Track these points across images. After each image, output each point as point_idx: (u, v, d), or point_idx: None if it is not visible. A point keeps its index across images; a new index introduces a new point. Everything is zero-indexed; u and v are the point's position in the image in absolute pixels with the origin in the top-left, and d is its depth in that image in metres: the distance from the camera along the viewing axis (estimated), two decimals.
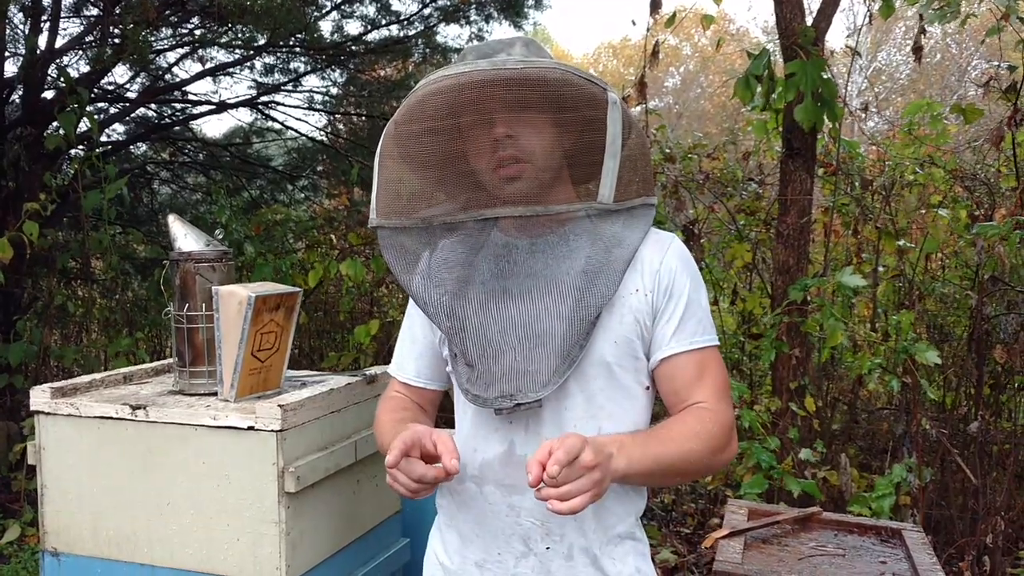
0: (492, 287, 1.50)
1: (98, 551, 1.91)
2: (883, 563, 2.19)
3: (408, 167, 1.55)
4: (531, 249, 1.52)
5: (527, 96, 1.42)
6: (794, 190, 4.04)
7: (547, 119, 1.48)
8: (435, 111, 1.46)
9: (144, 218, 7.41)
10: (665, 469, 1.41)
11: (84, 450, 1.90)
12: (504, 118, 1.46)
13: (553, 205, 1.52)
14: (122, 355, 4.76)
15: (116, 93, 6.79)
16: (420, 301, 1.54)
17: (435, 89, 1.44)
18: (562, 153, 1.52)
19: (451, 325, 1.51)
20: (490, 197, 1.53)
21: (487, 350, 1.47)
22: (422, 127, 1.48)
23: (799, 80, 3.76)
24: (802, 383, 3.97)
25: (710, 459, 1.46)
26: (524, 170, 1.49)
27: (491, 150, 1.49)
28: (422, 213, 1.56)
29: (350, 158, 7.38)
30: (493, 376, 1.46)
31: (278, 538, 1.75)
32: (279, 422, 1.73)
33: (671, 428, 1.45)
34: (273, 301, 1.90)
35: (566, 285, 1.47)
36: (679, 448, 1.41)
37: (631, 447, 1.36)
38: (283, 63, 7.23)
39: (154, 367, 2.27)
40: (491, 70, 1.41)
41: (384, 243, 1.57)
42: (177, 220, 2.04)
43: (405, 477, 1.38)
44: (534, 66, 1.42)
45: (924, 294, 4.56)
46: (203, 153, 7.85)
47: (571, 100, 1.45)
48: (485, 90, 1.42)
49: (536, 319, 1.46)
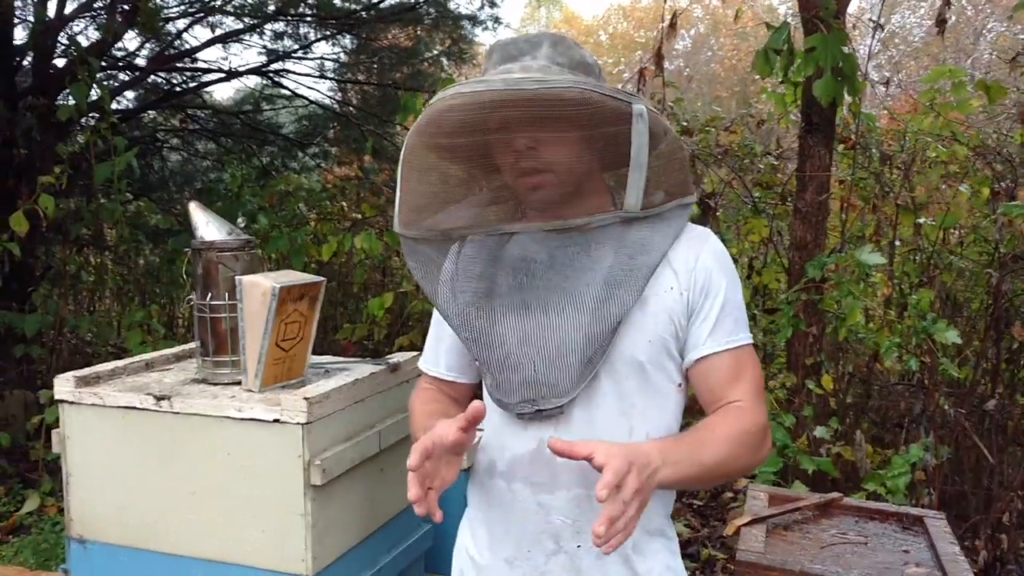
0: (511, 300, 1.50)
1: (123, 539, 1.92)
2: (906, 552, 2.19)
3: (426, 178, 1.52)
4: (551, 262, 1.50)
5: (544, 115, 1.38)
6: (813, 166, 3.99)
7: (571, 132, 1.45)
8: (451, 127, 1.42)
9: (155, 185, 7.39)
10: (706, 473, 1.39)
11: (108, 439, 1.90)
12: (524, 130, 1.43)
13: (577, 217, 1.49)
14: (136, 327, 4.77)
15: (126, 61, 6.74)
16: (442, 311, 1.56)
17: (450, 105, 1.40)
18: (586, 163, 1.49)
19: (470, 337, 1.51)
20: (512, 209, 1.52)
21: (507, 362, 1.48)
22: (439, 141, 1.46)
23: (819, 55, 3.69)
24: (818, 359, 3.95)
25: (748, 460, 1.46)
26: (546, 180, 1.47)
27: (513, 161, 1.47)
28: (442, 225, 1.54)
29: (361, 126, 7.33)
30: (513, 385, 1.48)
31: (304, 530, 1.75)
32: (305, 415, 1.73)
33: (712, 430, 1.43)
34: (297, 291, 1.88)
35: (586, 297, 1.45)
36: (720, 451, 1.40)
37: (675, 454, 1.33)
38: (293, 30, 7.17)
39: (175, 352, 2.27)
40: (505, 90, 1.35)
41: (407, 250, 1.57)
42: (199, 208, 2.02)
43: (416, 488, 1.34)
44: (551, 86, 1.35)
45: (941, 268, 4.53)
46: (213, 120, 7.80)
47: (590, 119, 1.40)
48: (500, 110, 1.38)
49: (554, 332, 1.45)
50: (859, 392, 4.93)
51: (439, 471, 1.39)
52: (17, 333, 4.86)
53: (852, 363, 5.00)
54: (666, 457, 1.31)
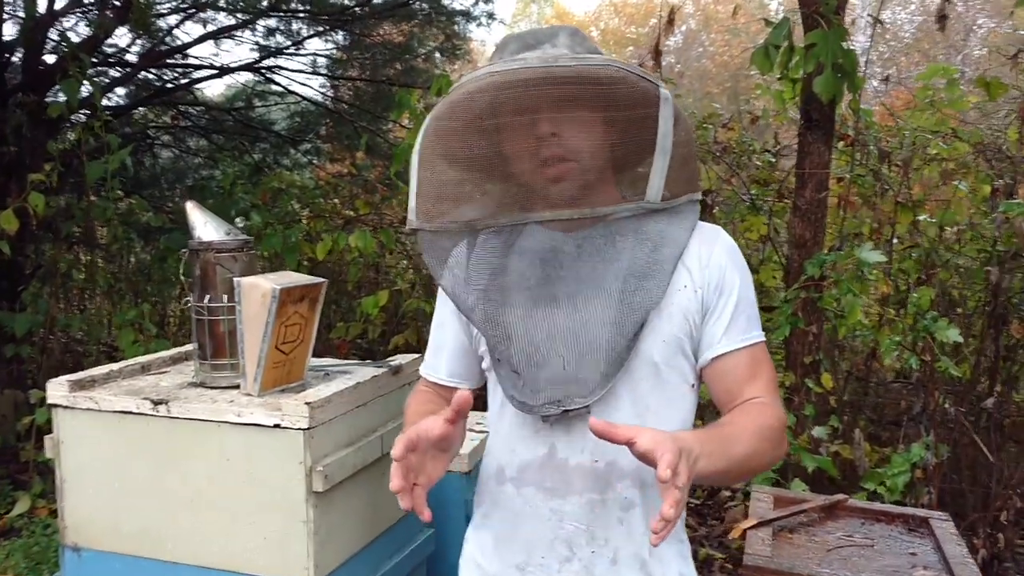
0: (538, 294, 1.44)
1: (119, 547, 1.88)
2: (912, 554, 2.17)
3: (449, 166, 1.47)
4: (578, 253, 1.45)
5: (581, 95, 1.36)
6: (812, 163, 3.97)
7: (596, 117, 1.41)
8: (480, 109, 1.38)
9: (147, 182, 7.32)
10: (736, 467, 1.35)
11: (104, 445, 1.86)
12: (550, 116, 1.39)
13: (600, 206, 1.45)
14: (128, 326, 4.71)
15: (117, 57, 6.67)
16: (464, 308, 1.49)
17: (481, 86, 1.36)
18: (609, 152, 1.46)
19: (496, 333, 1.45)
20: (535, 199, 1.46)
21: (534, 358, 1.42)
22: (466, 125, 1.41)
23: (819, 51, 3.66)
24: (816, 358, 3.93)
25: (772, 455, 1.43)
26: (570, 170, 1.42)
27: (536, 149, 1.43)
28: (463, 216, 1.49)
29: (354, 123, 7.28)
30: (539, 383, 1.42)
31: (306, 537, 1.72)
32: (307, 420, 1.69)
33: (738, 424, 1.39)
34: (297, 293, 1.84)
35: (614, 289, 1.41)
36: (748, 446, 1.35)
37: (709, 445, 1.28)
38: (285, 26, 7.10)
39: (171, 355, 2.23)
40: (542, 67, 1.33)
41: (424, 246, 1.51)
42: (196, 208, 1.98)
43: (399, 479, 1.27)
44: (588, 63, 1.35)
45: (939, 265, 4.51)
46: (205, 117, 7.73)
47: (625, 99, 1.38)
48: (537, 89, 1.34)
49: (584, 326, 1.41)
50: (856, 390, 4.92)
51: (424, 466, 1.32)
52: (7, 332, 4.81)
53: (849, 361, 4.99)
54: (703, 447, 1.25)
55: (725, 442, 1.33)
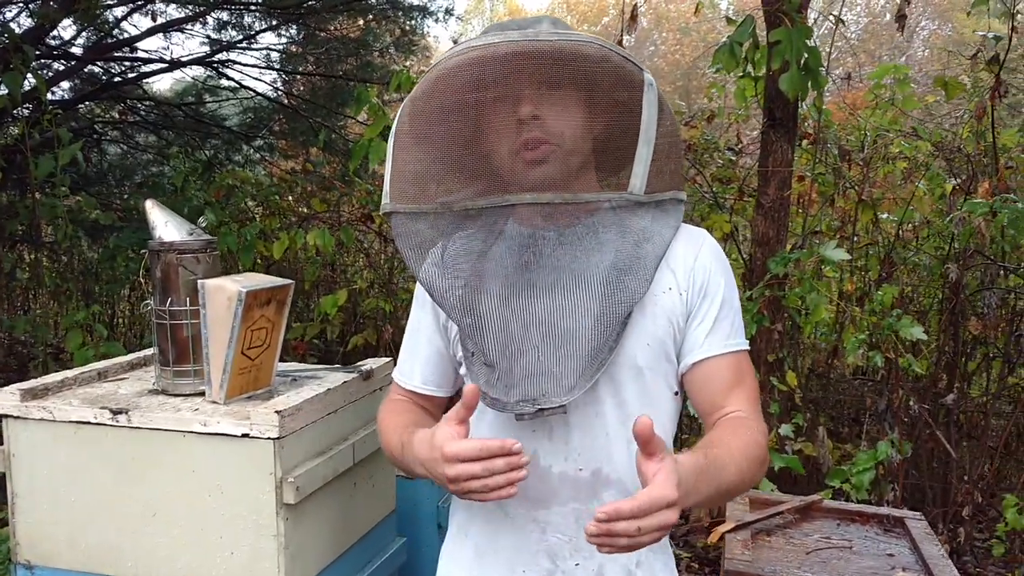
0: (515, 280, 1.37)
1: (76, 564, 1.78)
2: (890, 556, 2.16)
3: (426, 147, 1.41)
4: (559, 240, 1.39)
5: (561, 72, 1.31)
6: (775, 161, 3.96)
7: (579, 99, 1.36)
8: (461, 85, 1.32)
9: (94, 179, 7.11)
10: (720, 497, 1.31)
11: (60, 457, 1.76)
12: (532, 96, 1.34)
13: (581, 193, 1.40)
14: (76, 327, 4.55)
15: (62, 49, 6.46)
16: (437, 295, 1.40)
17: (462, 62, 1.31)
18: (592, 137, 1.40)
19: (470, 322, 1.37)
20: (514, 181, 1.40)
21: (508, 348, 1.34)
22: (444, 103, 1.35)
23: (784, 48, 3.65)
24: (780, 356, 3.93)
25: (757, 475, 1.36)
26: (551, 152, 1.37)
27: (517, 130, 1.37)
28: (441, 198, 1.42)
29: (309, 119, 7.15)
30: (514, 378, 1.33)
31: (276, 552, 1.64)
32: (276, 429, 1.61)
33: (731, 446, 1.30)
34: (264, 296, 1.76)
35: (596, 280, 1.35)
36: (737, 474, 1.28)
37: (704, 484, 1.21)
38: (237, 19, 6.95)
39: (130, 360, 2.12)
40: (524, 41, 1.28)
41: (398, 230, 1.43)
42: (156, 206, 1.88)
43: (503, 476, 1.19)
44: (570, 39, 1.29)
45: (898, 263, 4.55)
46: (155, 112, 7.53)
47: (608, 79, 1.33)
48: (516, 63, 1.29)
49: (562, 316, 1.33)
50: (816, 387, 4.95)
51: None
52: None
53: (810, 358, 5.02)
54: (696, 484, 1.18)
55: (717, 472, 1.24)
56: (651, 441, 1.11)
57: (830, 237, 4.45)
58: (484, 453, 1.19)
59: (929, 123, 5.39)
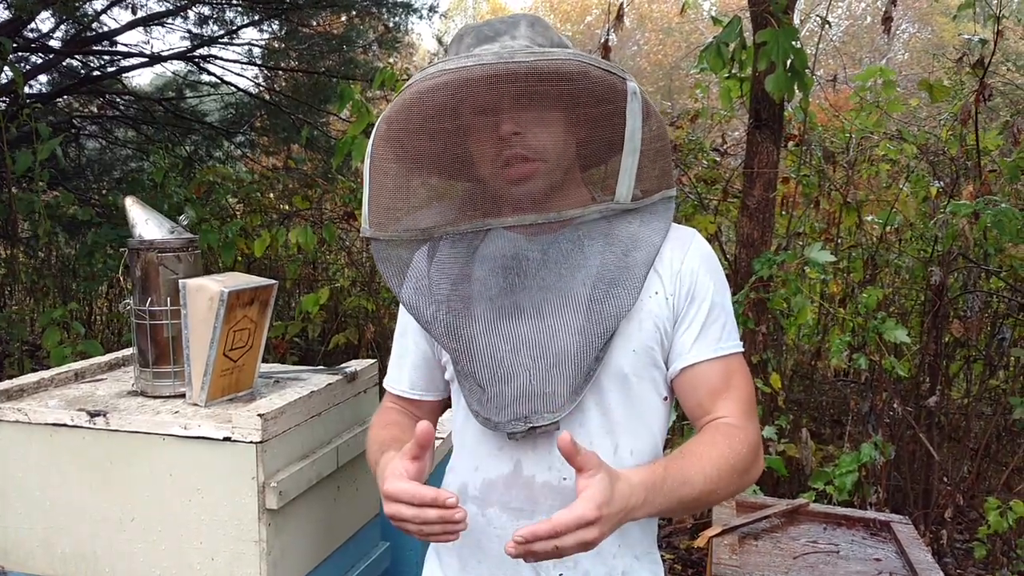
0: (502, 304, 1.35)
1: (51, 569, 1.73)
2: (877, 560, 2.15)
3: (401, 171, 1.37)
4: (543, 260, 1.36)
5: (540, 91, 1.26)
6: (761, 162, 3.96)
7: (559, 116, 1.33)
8: (434, 109, 1.28)
9: (72, 174, 7.02)
10: (686, 508, 1.27)
11: (35, 460, 1.71)
12: (508, 115, 1.30)
13: (566, 209, 1.37)
14: (53, 325, 4.48)
15: (40, 42, 6.37)
16: (422, 321, 1.38)
17: (433, 85, 1.26)
18: (575, 150, 1.37)
19: (458, 347, 1.35)
20: (495, 203, 1.37)
21: (499, 372, 1.32)
22: (418, 127, 1.31)
23: (771, 49, 3.65)
24: (764, 357, 3.93)
25: (738, 484, 1.33)
26: (535, 170, 1.34)
27: (497, 149, 1.33)
28: (421, 223, 1.40)
29: (291, 115, 7.09)
30: (505, 399, 1.32)
31: (258, 558, 1.60)
32: (259, 433, 1.57)
33: (703, 457, 1.28)
34: (247, 296, 1.72)
35: (582, 297, 1.33)
36: (703, 487, 1.25)
37: (658, 495, 1.19)
38: (219, 14, 6.87)
39: (108, 361, 2.08)
40: (498, 64, 1.23)
41: (379, 256, 1.41)
42: (136, 203, 1.84)
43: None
44: (547, 58, 1.24)
45: (882, 265, 4.56)
46: (134, 107, 7.45)
47: (588, 94, 1.29)
48: (492, 86, 1.25)
49: (551, 337, 1.31)
50: (799, 388, 4.96)
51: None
52: None
53: (793, 359, 5.02)
54: (647, 496, 1.17)
55: (677, 485, 1.23)
56: (575, 457, 1.11)
57: (814, 239, 4.45)
58: (416, 500, 1.16)
59: (912, 126, 5.41)
